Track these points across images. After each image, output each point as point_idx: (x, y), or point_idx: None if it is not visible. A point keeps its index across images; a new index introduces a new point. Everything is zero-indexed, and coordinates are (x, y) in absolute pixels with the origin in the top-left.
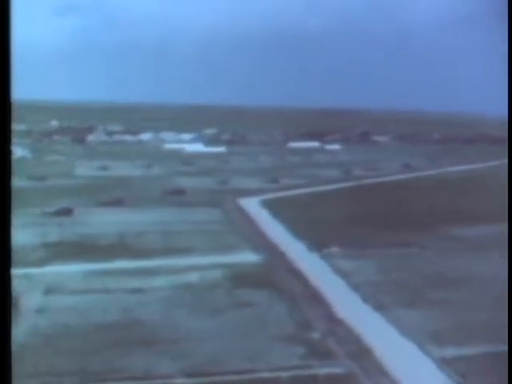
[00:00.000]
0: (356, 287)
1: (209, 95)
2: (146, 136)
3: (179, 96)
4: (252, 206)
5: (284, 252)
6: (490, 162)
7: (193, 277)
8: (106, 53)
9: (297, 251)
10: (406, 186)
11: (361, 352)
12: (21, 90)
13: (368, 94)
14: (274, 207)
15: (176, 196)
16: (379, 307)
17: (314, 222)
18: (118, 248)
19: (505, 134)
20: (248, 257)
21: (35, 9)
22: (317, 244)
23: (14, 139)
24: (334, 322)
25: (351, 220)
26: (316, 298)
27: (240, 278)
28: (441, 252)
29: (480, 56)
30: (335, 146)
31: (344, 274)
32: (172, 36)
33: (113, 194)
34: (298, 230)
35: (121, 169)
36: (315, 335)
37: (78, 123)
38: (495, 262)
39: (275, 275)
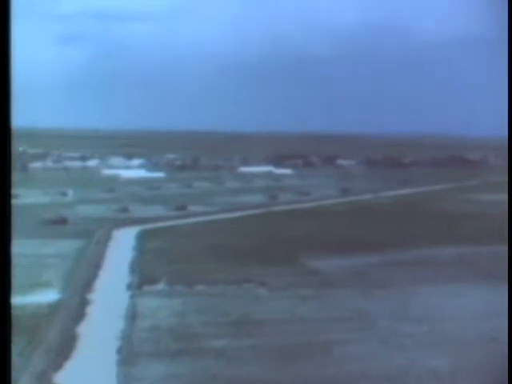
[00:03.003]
0: (129, 335)
1: (185, 121)
2: (93, 162)
3: (169, 123)
4: (124, 236)
5: (95, 291)
6: (444, 185)
7: None
8: (103, 82)
9: (111, 289)
10: (313, 214)
11: None
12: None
13: (351, 119)
14: (146, 238)
15: (53, 226)
16: (126, 360)
17: (174, 253)
18: None
19: (478, 156)
20: (46, 298)
21: (39, 38)
22: (147, 280)
23: None
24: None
25: (217, 252)
26: (52, 351)
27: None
28: (279, 290)
29: (463, 78)
30: (286, 171)
31: (133, 318)
32: (160, 64)
33: None
34: (145, 264)
35: (29, 197)
36: None
37: (41, 150)
38: (328, 303)
39: (49, 321)
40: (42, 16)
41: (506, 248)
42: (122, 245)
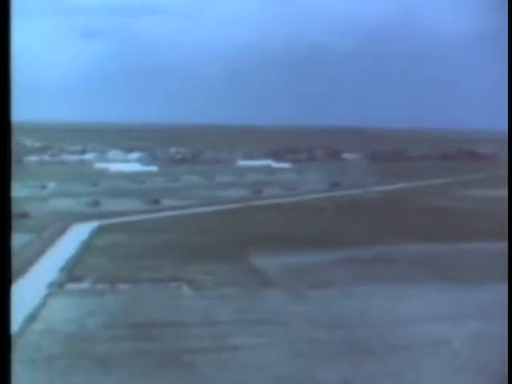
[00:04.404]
0: (16, 339)
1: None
2: (90, 155)
3: (191, 116)
4: (78, 231)
5: (13, 288)
6: (444, 180)
7: None
8: (120, 76)
9: (31, 288)
10: (286, 209)
11: None
12: (34, 111)
13: (361, 114)
14: (99, 233)
15: (12, 220)
16: None
17: (118, 250)
18: None
19: (491, 150)
20: None
21: (62, 31)
22: (73, 278)
23: None
24: None
25: (164, 248)
26: None
27: None
28: (205, 289)
29: (470, 73)
30: (285, 165)
31: (32, 319)
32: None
33: None
34: (81, 260)
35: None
36: None
37: (46, 143)
38: (251, 303)
39: None
40: (59, 11)
41: (478, 247)
42: (71, 240)
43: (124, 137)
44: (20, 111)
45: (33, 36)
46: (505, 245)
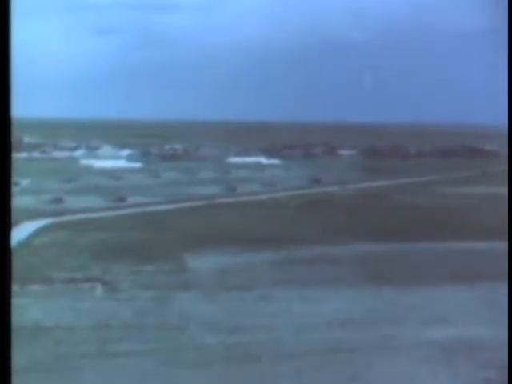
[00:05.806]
0: None
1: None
2: (80, 152)
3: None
4: (24, 229)
5: None
6: (435, 176)
7: None
8: (135, 72)
9: None
10: (250, 207)
11: None
12: (38, 107)
13: (369, 108)
14: (43, 232)
15: None
16: None
17: (49, 250)
18: None
19: (496, 146)
20: None
21: (76, 29)
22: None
23: None
24: None
25: (100, 248)
26: None
27: None
28: (118, 290)
29: (471, 67)
30: (276, 161)
31: None
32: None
33: None
34: (14, 261)
35: None
36: None
37: (44, 139)
38: (155, 306)
39: None
40: (74, 7)
41: (437, 247)
42: (12, 239)
43: (125, 133)
44: (22, 108)
45: (41, 33)
46: (461, 244)
